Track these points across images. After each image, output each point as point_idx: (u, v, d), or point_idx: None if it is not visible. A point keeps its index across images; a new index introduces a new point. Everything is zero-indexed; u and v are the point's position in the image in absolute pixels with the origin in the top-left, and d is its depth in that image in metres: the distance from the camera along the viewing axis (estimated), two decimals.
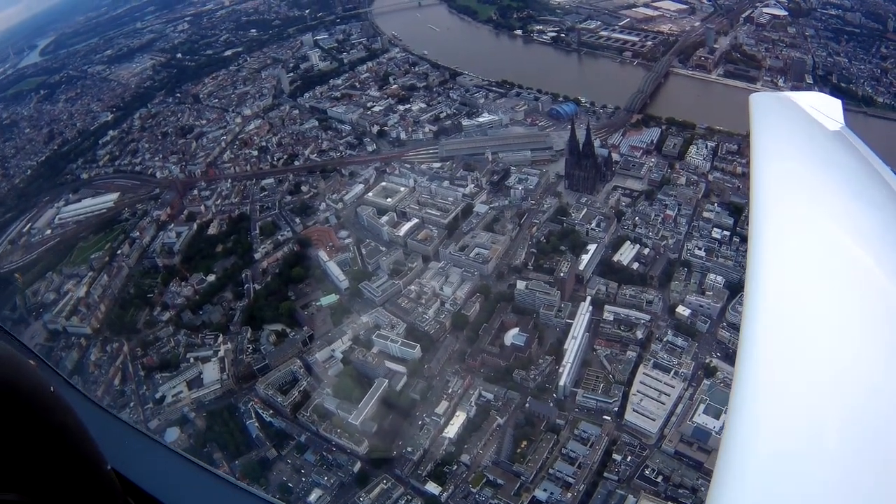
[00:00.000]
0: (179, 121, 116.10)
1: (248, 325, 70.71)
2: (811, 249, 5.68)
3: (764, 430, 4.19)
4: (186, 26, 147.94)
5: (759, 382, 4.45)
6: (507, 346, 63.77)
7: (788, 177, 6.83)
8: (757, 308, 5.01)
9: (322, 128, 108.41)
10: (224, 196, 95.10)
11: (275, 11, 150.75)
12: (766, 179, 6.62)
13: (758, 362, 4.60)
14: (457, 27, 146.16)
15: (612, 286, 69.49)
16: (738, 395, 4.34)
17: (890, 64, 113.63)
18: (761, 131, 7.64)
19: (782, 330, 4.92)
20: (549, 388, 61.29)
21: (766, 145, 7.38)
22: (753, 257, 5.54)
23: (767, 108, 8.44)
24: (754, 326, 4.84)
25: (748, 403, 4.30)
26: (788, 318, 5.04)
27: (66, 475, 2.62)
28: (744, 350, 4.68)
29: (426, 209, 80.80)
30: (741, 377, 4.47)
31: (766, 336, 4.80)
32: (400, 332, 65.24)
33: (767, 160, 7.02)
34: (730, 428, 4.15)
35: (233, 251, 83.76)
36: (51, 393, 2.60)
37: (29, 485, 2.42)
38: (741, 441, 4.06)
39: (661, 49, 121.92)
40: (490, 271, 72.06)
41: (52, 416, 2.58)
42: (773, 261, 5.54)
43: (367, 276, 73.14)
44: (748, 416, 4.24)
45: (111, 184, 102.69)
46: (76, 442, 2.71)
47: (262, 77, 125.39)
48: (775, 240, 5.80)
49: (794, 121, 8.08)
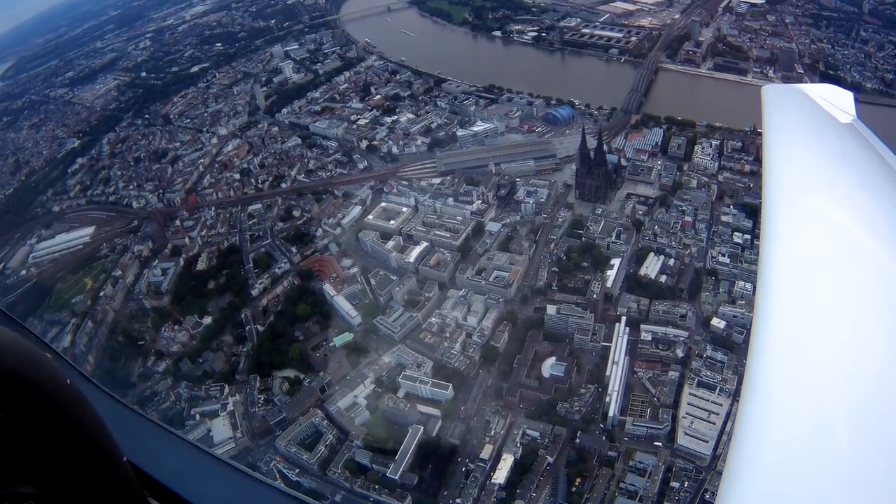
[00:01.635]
0: (151, 144, 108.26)
1: (255, 372, 64.77)
2: (824, 243, 5.62)
3: (776, 426, 4.12)
4: (148, 43, 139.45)
5: (770, 377, 4.39)
6: (546, 378, 59.77)
7: (801, 170, 6.73)
8: (769, 302, 4.96)
9: (306, 145, 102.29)
10: (209, 226, 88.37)
11: (239, 24, 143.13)
12: (779, 172, 6.54)
13: (770, 357, 4.54)
14: (431, 31, 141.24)
15: (643, 303, 66.16)
16: (750, 390, 4.28)
17: (872, 48, 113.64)
18: (774, 123, 7.55)
19: (795, 324, 4.87)
20: (595, 419, 57.63)
21: (778, 138, 7.31)
22: (766, 250, 5.51)
23: (779, 101, 8.37)
24: (767, 320, 4.79)
25: (760, 399, 4.24)
26: (801, 312, 4.99)
27: (82, 468, 2.62)
28: (756, 345, 4.63)
29: (434, 231, 75.93)
30: (753, 372, 4.41)
31: (778, 330, 4.74)
32: (427, 371, 60.47)
33: (780, 153, 6.94)
34: (741, 423, 4.10)
35: (226, 288, 77.39)
36: (67, 386, 2.58)
37: (46, 477, 2.44)
38: (753, 436, 4.02)
39: (647, 45, 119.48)
40: (513, 295, 67.79)
41: (69, 409, 2.57)
42: (786, 254, 5.47)
43: (380, 309, 67.99)
44: (760, 412, 4.18)
45: (85, 216, 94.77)
46: (93, 434, 2.71)
47: (235, 93, 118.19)
48: (788, 233, 5.76)
49: (807, 113, 7.99)
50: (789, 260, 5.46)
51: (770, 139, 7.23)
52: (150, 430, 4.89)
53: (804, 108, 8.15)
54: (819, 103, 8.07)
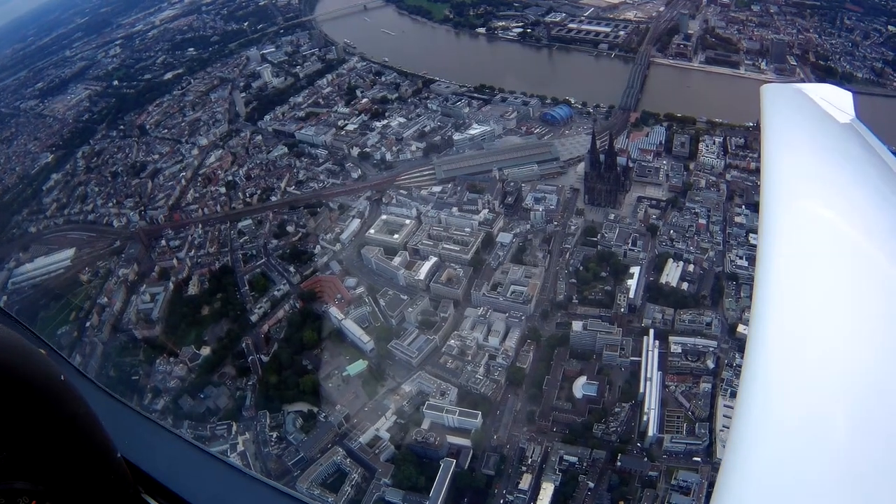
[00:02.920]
0: (128, 157, 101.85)
1: (264, 408, 60.30)
2: (822, 243, 5.63)
3: (772, 427, 4.11)
4: (119, 50, 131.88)
5: (768, 379, 4.37)
6: (579, 399, 57.00)
7: (800, 170, 6.71)
8: (767, 303, 4.94)
9: (294, 154, 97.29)
10: (197, 245, 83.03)
11: (211, 27, 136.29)
12: (777, 172, 6.53)
13: (767, 358, 4.52)
14: (412, 29, 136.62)
15: (667, 313, 63.80)
16: (746, 391, 4.26)
17: (858, 36, 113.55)
18: (772, 123, 7.54)
19: (792, 325, 4.84)
20: (632, 439, 55.22)
21: (777, 137, 7.27)
22: (764, 251, 5.48)
23: (778, 100, 8.30)
24: (764, 321, 4.77)
25: (757, 400, 4.22)
26: (798, 313, 4.96)
27: (76, 464, 2.64)
28: (752, 346, 4.62)
29: (442, 244, 72.21)
30: (749, 374, 4.38)
31: (775, 331, 4.72)
32: (452, 398, 57.04)
33: (779, 152, 6.91)
34: (737, 425, 4.08)
35: (222, 314, 72.52)
36: (61, 382, 2.58)
37: (40, 473, 2.46)
38: (748, 438, 4.00)
39: (636, 39, 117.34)
40: (532, 311, 64.72)
41: (63, 405, 2.57)
42: (784, 254, 5.45)
43: (393, 332, 64.15)
44: (756, 413, 4.16)
45: (63, 237, 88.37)
46: (87, 430, 2.71)
47: (212, 100, 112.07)
48: (786, 232, 5.74)
49: (805, 113, 7.94)
50: (787, 259, 5.40)
51: (769, 139, 7.18)
52: (144, 426, 4.83)
53: (803, 107, 8.11)
54: (818, 103, 8.03)
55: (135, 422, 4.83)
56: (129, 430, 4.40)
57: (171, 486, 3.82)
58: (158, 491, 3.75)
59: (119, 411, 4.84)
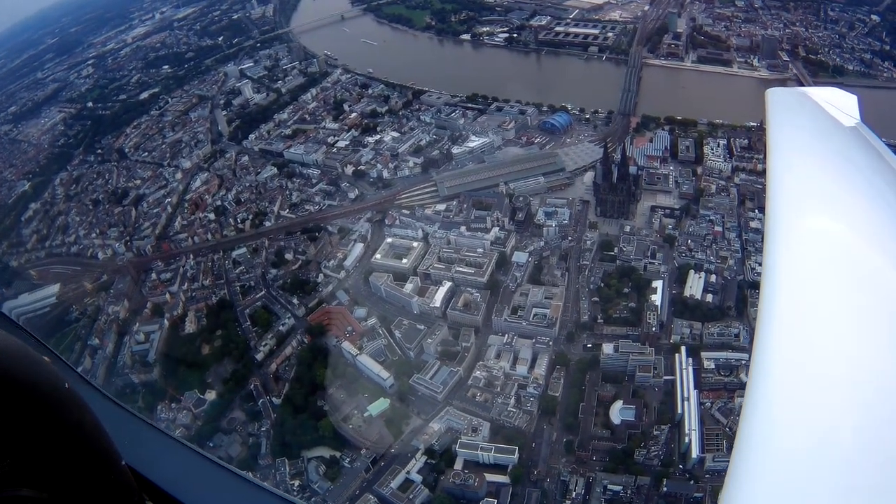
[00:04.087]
0: (109, 183, 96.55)
1: (281, 455, 56.42)
2: (829, 249, 5.66)
3: (778, 431, 4.14)
4: (91, 70, 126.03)
5: (774, 383, 4.38)
6: (617, 425, 54.45)
7: (806, 174, 6.69)
8: (773, 308, 4.89)
9: (284, 175, 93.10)
10: (190, 277, 78.46)
11: (184, 43, 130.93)
12: (783, 177, 6.55)
13: (773, 363, 4.51)
14: (394, 39, 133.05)
15: (695, 327, 61.72)
16: (753, 395, 4.27)
17: (843, 28, 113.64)
18: (778, 127, 7.53)
19: (798, 331, 4.80)
20: (673, 461, 52.91)
21: (782, 142, 7.27)
22: (770, 255, 5.46)
23: (783, 104, 8.37)
24: (770, 327, 4.72)
25: (763, 404, 4.23)
26: (804, 318, 4.94)
27: (81, 471, 2.62)
28: (759, 351, 4.58)
29: (455, 267, 68.97)
30: (756, 378, 4.39)
31: (781, 337, 4.67)
32: (485, 434, 53.92)
33: (784, 157, 6.94)
34: (743, 429, 4.10)
35: (224, 353, 68.15)
36: (66, 389, 2.57)
37: (44, 481, 2.44)
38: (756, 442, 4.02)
39: (624, 40, 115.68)
40: (557, 334, 61.94)
41: (67, 413, 2.56)
42: (790, 259, 5.44)
43: (412, 366, 60.69)
44: (763, 417, 4.18)
45: (47, 271, 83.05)
46: (91, 438, 2.71)
47: (192, 119, 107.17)
48: (792, 237, 5.76)
49: (811, 117, 7.94)
50: (793, 265, 5.38)
51: (774, 143, 7.12)
52: (149, 433, 4.77)
53: (808, 111, 8.07)
54: (823, 107, 7.95)
55: (139, 429, 4.71)
56: (133, 437, 4.34)
57: (175, 494, 3.75)
58: (163, 499, 3.70)
59: (124, 419, 4.79)
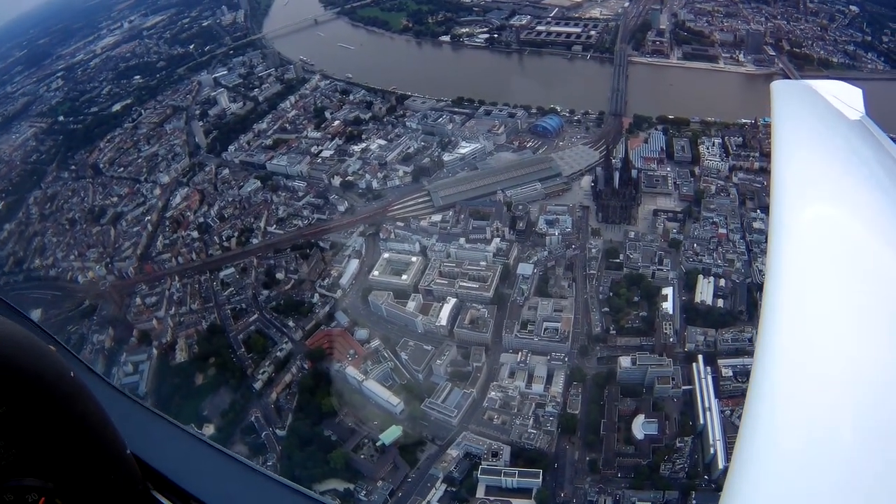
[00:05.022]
0: (84, 201, 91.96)
1: None
2: (833, 242, 5.61)
3: (781, 429, 4.12)
4: (61, 83, 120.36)
5: (777, 380, 4.34)
6: (641, 439, 52.67)
7: (810, 167, 6.68)
8: (776, 303, 4.84)
9: (269, 188, 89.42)
10: (177, 301, 74.55)
11: (155, 52, 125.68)
12: (787, 169, 6.50)
13: (776, 360, 4.46)
14: (370, 42, 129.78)
15: (709, 334, 60.39)
16: (755, 392, 4.24)
17: (824, 19, 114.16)
18: (783, 120, 7.56)
19: (802, 326, 4.76)
20: (699, 473, 51.38)
21: (787, 134, 7.26)
22: (774, 249, 5.39)
23: (788, 97, 8.32)
24: (773, 321, 4.67)
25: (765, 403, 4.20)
26: (809, 313, 4.88)
27: (86, 460, 2.66)
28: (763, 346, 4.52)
29: (458, 282, 66.46)
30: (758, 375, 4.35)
31: (786, 331, 4.63)
32: (506, 458, 51.59)
33: (789, 150, 6.91)
34: (746, 426, 4.07)
35: (220, 382, 64.63)
36: (71, 378, 2.60)
37: (50, 470, 2.48)
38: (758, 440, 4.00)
39: (608, 38, 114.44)
40: (570, 348, 59.94)
41: (73, 402, 2.59)
42: (794, 253, 5.37)
43: (422, 389, 57.99)
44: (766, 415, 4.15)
45: (26, 297, 78.10)
46: (97, 427, 2.73)
47: (168, 132, 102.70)
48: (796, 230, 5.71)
49: (816, 110, 7.91)
50: (798, 259, 5.30)
51: (779, 135, 7.13)
52: (154, 422, 4.80)
53: (813, 104, 7.99)
54: (828, 100, 7.90)
55: (144, 418, 4.76)
56: (138, 426, 4.32)
57: (180, 482, 3.74)
58: (168, 487, 3.69)
59: (128, 407, 4.79)
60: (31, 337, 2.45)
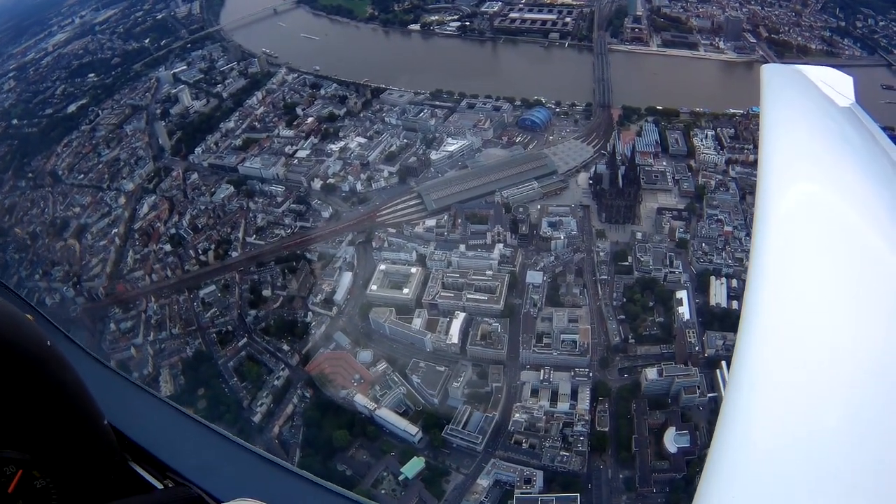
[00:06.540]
0: (45, 213, 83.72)
1: None
2: (820, 229, 5.47)
3: (758, 425, 3.96)
4: (13, 83, 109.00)
5: (756, 374, 4.19)
6: (675, 453, 50.78)
7: (798, 153, 6.56)
8: (760, 293, 4.70)
9: (244, 194, 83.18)
10: (156, 325, 68.56)
11: (108, 48, 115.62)
12: (775, 154, 6.41)
13: (757, 352, 4.30)
14: (335, 32, 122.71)
15: (728, 338, 58.75)
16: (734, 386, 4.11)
17: (798, 5, 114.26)
18: (772, 104, 7.46)
19: (787, 313, 4.62)
20: None
21: (776, 119, 7.17)
22: (759, 234, 5.27)
23: (778, 81, 8.23)
24: (756, 311, 4.52)
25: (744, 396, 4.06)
26: (792, 301, 4.74)
27: (63, 430, 2.60)
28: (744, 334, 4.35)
29: (465, 294, 62.86)
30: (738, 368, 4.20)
31: (769, 319, 4.50)
32: (540, 485, 48.85)
33: (777, 134, 6.83)
34: (723, 422, 3.94)
35: (213, 416, 58.50)
36: (48, 347, 2.54)
37: (26, 441, 2.43)
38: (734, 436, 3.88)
39: (584, 25, 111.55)
40: (590, 361, 57.42)
41: (49, 371, 2.53)
42: (780, 239, 5.26)
43: (440, 415, 54.38)
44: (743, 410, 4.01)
45: None
46: (73, 397, 2.66)
47: (128, 133, 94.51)
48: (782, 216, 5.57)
49: (805, 95, 7.77)
50: (783, 245, 5.20)
51: (768, 119, 7.04)
52: (132, 392, 4.70)
53: (803, 89, 7.87)
54: (818, 86, 7.75)
55: (122, 388, 4.66)
56: (116, 396, 4.20)
57: (158, 453, 3.70)
58: (146, 459, 3.65)
59: (106, 377, 4.66)
60: (5, 304, 2.34)
